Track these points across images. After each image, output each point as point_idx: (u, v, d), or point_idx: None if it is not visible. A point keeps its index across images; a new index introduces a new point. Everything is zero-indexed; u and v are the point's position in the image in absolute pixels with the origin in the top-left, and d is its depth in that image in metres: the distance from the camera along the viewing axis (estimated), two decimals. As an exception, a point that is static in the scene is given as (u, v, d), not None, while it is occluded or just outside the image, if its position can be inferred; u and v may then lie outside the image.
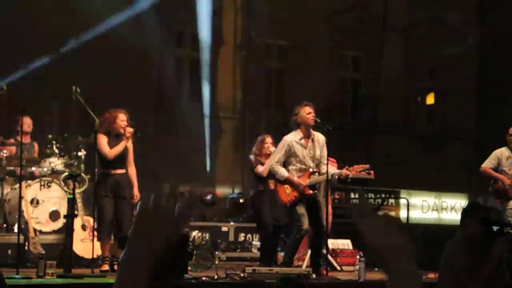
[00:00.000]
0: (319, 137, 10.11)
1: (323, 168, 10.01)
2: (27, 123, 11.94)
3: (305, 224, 9.81)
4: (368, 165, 10.20)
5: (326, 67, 20.12)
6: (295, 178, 9.93)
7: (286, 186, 9.95)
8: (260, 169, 10.94)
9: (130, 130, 10.12)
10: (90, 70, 15.48)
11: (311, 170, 9.98)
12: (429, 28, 21.49)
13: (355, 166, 10.17)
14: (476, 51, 22.13)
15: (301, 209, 9.85)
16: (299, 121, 10.05)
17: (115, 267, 9.89)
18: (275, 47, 19.69)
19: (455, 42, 22.00)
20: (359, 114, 20.88)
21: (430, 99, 22.20)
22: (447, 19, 21.88)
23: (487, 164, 11.38)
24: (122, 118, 10.13)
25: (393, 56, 20.70)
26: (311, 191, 9.93)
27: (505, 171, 11.26)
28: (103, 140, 10.04)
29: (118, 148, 10.02)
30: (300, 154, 9.98)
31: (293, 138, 10.03)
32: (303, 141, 10.01)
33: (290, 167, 9.99)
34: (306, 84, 19.26)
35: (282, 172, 9.95)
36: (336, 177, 10.19)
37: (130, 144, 10.24)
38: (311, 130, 10.07)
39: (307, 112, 10.00)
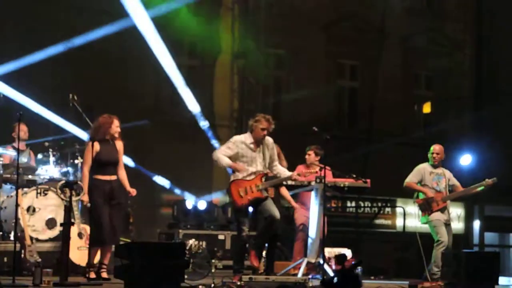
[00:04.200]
0: (268, 140, 10.15)
1: (275, 170, 10.13)
2: (23, 130, 11.94)
3: (245, 230, 9.85)
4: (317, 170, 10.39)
5: (323, 75, 20.14)
6: (238, 164, 9.96)
7: (240, 188, 9.94)
8: None
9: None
10: (87, 77, 15.56)
11: (262, 172, 10.00)
12: (426, 37, 21.54)
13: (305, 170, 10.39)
14: (473, 60, 22.18)
15: (243, 215, 9.93)
16: (253, 128, 10.09)
17: (103, 274, 9.90)
18: (272, 56, 19.70)
19: (452, 51, 22.06)
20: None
21: (427, 108, 22.22)
22: (444, 29, 21.94)
23: (411, 179, 11.72)
24: (117, 124, 10.13)
25: (390, 65, 20.73)
26: (263, 195, 9.96)
27: (428, 186, 11.61)
28: (89, 149, 9.99)
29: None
30: (250, 156, 10.00)
31: (243, 139, 10.09)
32: (252, 146, 10.03)
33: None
34: (303, 93, 19.29)
35: (224, 159, 9.98)
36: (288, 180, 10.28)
37: (120, 148, 10.21)
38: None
39: (262, 126, 10.03)
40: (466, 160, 15.67)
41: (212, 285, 9.03)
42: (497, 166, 20.13)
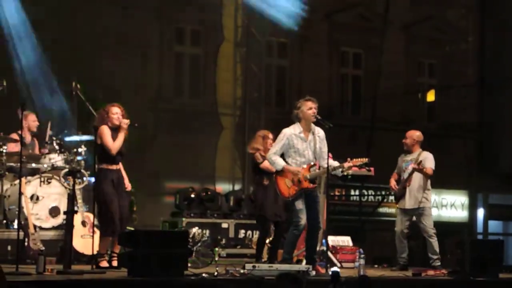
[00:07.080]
0: (320, 132, 10.06)
1: (323, 163, 9.97)
2: (33, 119, 11.97)
3: (303, 219, 9.78)
4: (367, 159, 10.13)
5: (326, 63, 20.10)
6: (293, 166, 9.87)
7: (286, 179, 9.89)
8: (266, 163, 10.85)
9: (126, 121, 10.05)
10: (89, 66, 15.51)
11: (311, 163, 9.93)
12: (430, 25, 21.48)
13: (354, 159, 10.10)
14: (476, 47, 22.11)
15: (300, 204, 9.81)
16: (300, 116, 9.99)
17: (114, 263, 9.87)
18: (275, 44, 19.67)
19: (455, 38, 22.00)
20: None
21: (431, 96, 22.17)
22: (447, 16, 21.88)
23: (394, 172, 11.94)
24: (115, 111, 10.09)
25: (393, 52, 20.66)
26: (311, 185, 9.89)
27: (403, 174, 11.68)
28: (107, 133, 9.94)
29: (119, 141, 9.95)
30: (300, 147, 9.92)
31: (292, 131, 9.97)
32: (302, 135, 9.95)
33: (290, 161, 9.93)
34: (307, 81, 19.26)
35: (279, 161, 9.90)
36: (340, 170, 10.11)
37: (125, 138, 10.19)
38: (312, 124, 10.02)
39: (308, 107, 9.94)
40: None
41: (216, 273, 9.03)
42: (501, 153, 20.15)
